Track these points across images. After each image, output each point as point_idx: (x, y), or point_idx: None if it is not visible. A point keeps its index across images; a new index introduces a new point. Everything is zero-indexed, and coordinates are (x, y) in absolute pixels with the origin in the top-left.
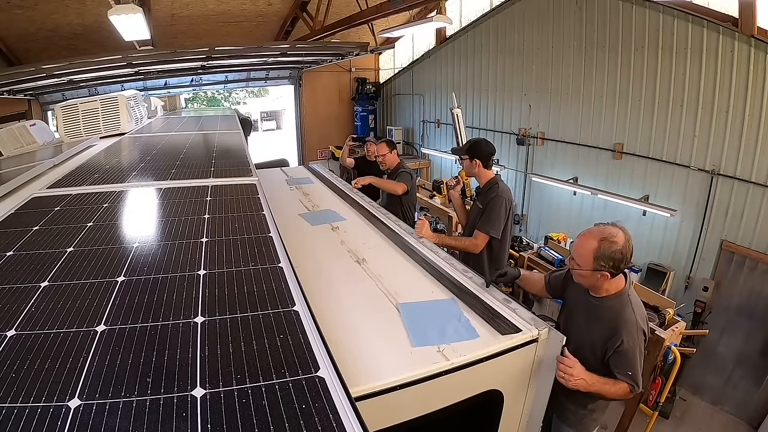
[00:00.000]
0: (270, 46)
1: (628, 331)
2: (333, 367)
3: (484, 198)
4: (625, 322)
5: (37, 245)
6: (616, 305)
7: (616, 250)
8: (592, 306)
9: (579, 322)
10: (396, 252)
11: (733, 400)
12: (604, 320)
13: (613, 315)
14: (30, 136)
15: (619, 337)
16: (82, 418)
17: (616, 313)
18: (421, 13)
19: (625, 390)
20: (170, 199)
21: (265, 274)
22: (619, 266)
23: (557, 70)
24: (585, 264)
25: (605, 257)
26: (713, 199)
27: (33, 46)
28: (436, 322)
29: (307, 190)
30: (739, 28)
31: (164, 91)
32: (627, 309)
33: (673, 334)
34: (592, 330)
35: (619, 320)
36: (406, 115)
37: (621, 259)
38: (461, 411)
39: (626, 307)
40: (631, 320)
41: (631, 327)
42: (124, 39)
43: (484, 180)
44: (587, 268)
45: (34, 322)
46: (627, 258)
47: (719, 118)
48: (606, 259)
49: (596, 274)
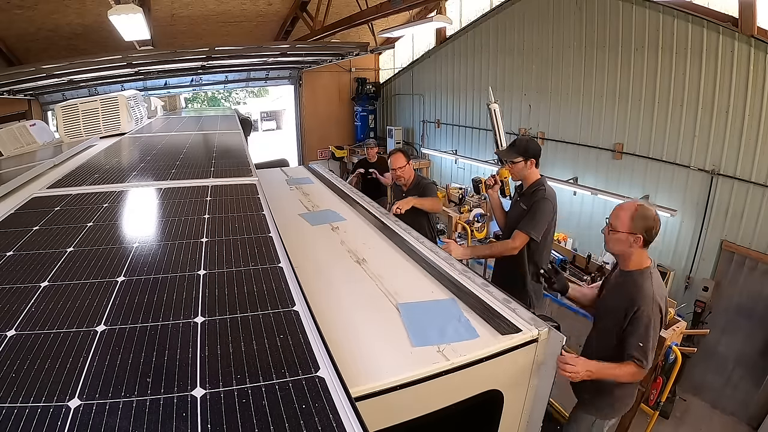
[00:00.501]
0: (270, 46)
1: (645, 302)
2: (333, 367)
3: (529, 199)
4: (644, 293)
5: (37, 245)
6: (638, 279)
7: (650, 215)
8: (618, 281)
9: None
10: (396, 252)
11: (733, 401)
12: (626, 292)
13: (635, 287)
14: (30, 136)
15: (636, 305)
16: (82, 418)
17: (637, 285)
18: (421, 13)
19: (632, 370)
20: (170, 199)
21: (265, 274)
22: (651, 232)
23: (557, 70)
24: (622, 225)
25: (641, 219)
26: (713, 199)
27: (33, 46)
28: (436, 322)
29: (307, 190)
30: (739, 28)
31: (164, 91)
32: (647, 283)
33: (674, 334)
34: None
35: (639, 292)
36: (406, 115)
37: (653, 226)
38: (461, 411)
39: (647, 281)
40: (648, 293)
41: (648, 299)
42: (124, 39)
43: (530, 180)
44: (624, 229)
45: (34, 322)
46: (657, 228)
47: (719, 118)
48: (641, 221)
49: (630, 237)
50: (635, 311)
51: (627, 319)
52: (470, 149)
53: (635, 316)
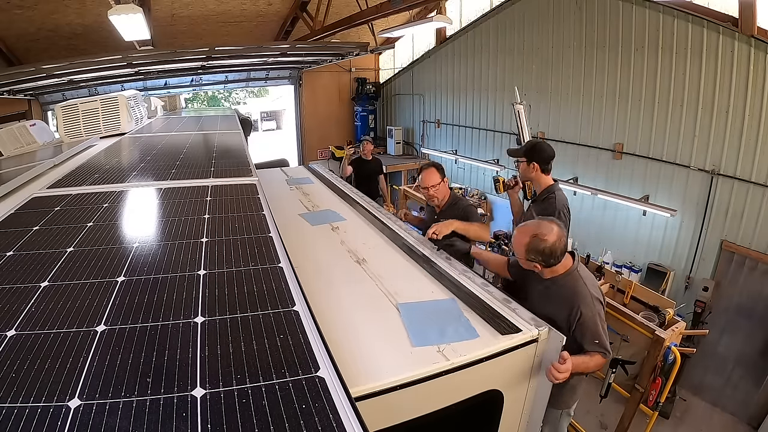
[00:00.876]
0: (270, 46)
1: (585, 303)
2: (333, 367)
3: (539, 207)
4: (580, 296)
5: (37, 245)
6: (568, 282)
7: (546, 247)
8: (545, 288)
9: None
10: (396, 252)
11: (733, 400)
12: (560, 299)
13: (568, 292)
14: (30, 136)
15: (577, 311)
16: (82, 418)
17: (569, 290)
18: (421, 13)
19: (600, 360)
20: (170, 199)
21: (265, 274)
22: (548, 261)
23: (557, 70)
24: (519, 254)
25: (535, 251)
26: (713, 199)
27: (33, 46)
28: (436, 322)
29: (307, 190)
30: (739, 28)
31: (164, 91)
32: (579, 284)
33: (673, 334)
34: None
35: (574, 296)
36: (406, 115)
37: (550, 254)
38: (461, 411)
39: (578, 282)
40: (584, 293)
41: (587, 299)
42: (124, 39)
43: (542, 186)
44: (521, 257)
45: (34, 322)
46: (557, 253)
47: (719, 118)
48: (536, 254)
49: (530, 263)
50: (578, 317)
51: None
52: (470, 149)
53: (580, 321)
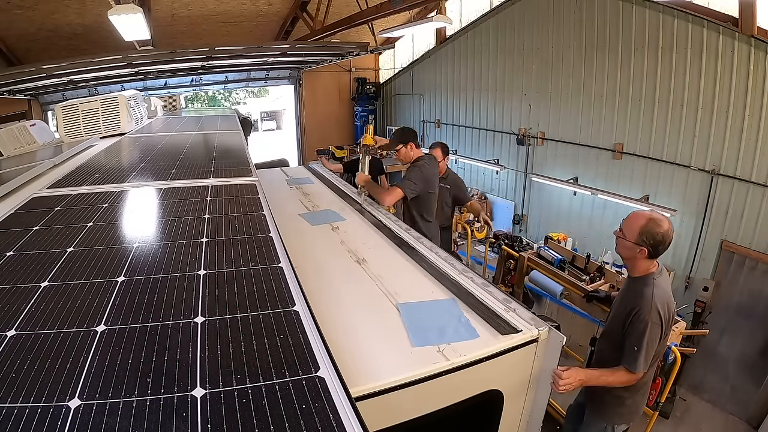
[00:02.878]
0: (270, 46)
1: (643, 307)
2: (333, 367)
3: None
4: (644, 299)
5: (37, 245)
6: (640, 285)
7: (660, 232)
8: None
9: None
10: (396, 252)
11: (733, 400)
12: (628, 297)
13: (638, 292)
14: (30, 136)
15: (633, 311)
16: (82, 418)
17: (638, 291)
18: (421, 13)
19: (623, 377)
20: (170, 199)
21: (265, 274)
22: (657, 247)
23: (557, 70)
24: (631, 235)
25: (649, 234)
26: (713, 199)
27: (33, 46)
28: (436, 322)
29: (307, 190)
30: (739, 28)
31: (164, 91)
32: (648, 288)
33: (673, 334)
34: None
35: (638, 297)
36: (406, 115)
37: (661, 241)
38: (461, 411)
39: (648, 287)
40: (648, 298)
41: (647, 304)
42: (124, 39)
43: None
44: (631, 239)
45: (34, 322)
46: (666, 243)
47: (719, 118)
48: (648, 236)
49: (636, 247)
50: (634, 314)
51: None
52: (470, 149)
53: (632, 319)
